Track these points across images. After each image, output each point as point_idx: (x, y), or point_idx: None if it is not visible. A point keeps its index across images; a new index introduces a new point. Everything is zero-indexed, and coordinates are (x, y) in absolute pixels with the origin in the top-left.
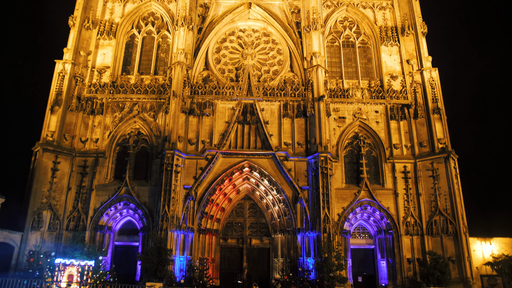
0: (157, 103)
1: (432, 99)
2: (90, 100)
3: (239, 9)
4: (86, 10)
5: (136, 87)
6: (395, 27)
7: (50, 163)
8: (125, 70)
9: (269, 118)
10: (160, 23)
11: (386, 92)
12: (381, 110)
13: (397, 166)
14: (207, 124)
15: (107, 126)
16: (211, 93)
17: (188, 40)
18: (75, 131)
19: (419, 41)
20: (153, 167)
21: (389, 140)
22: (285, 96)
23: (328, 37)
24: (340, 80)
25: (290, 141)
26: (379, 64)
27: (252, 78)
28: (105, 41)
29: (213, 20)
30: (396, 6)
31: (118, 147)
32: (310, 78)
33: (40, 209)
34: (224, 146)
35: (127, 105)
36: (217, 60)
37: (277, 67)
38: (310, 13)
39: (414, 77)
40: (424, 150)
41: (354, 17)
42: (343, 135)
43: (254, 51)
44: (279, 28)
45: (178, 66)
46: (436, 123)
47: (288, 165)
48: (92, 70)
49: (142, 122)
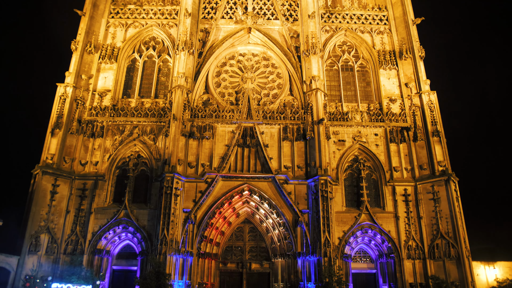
0: (157, 126)
1: (431, 122)
2: (90, 123)
3: (239, 34)
4: (88, 34)
5: (137, 110)
6: (393, 51)
7: (50, 186)
8: (126, 93)
9: (269, 141)
10: (161, 47)
11: (385, 115)
12: (380, 133)
13: (398, 189)
14: (207, 147)
15: (107, 149)
16: (211, 116)
17: (189, 64)
18: (75, 154)
19: (417, 65)
20: (153, 190)
21: (389, 163)
22: (284, 120)
23: (327, 61)
24: (339, 103)
25: (290, 164)
26: (378, 87)
27: (252, 102)
28: (107, 65)
29: (214, 45)
30: (394, 31)
31: (117, 170)
32: (310, 101)
33: (38, 233)
34: (224, 169)
35: (128, 128)
36: (217, 83)
37: (277, 90)
38: (309, 38)
39: (413, 100)
40: (424, 173)
41: (352, 42)
42: (343, 158)
43: (254, 75)
44: (278, 52)
45: (178, 89)
46: (435, 146)
47: (288, 188)
48: (93, 94)
49: (142, 145)
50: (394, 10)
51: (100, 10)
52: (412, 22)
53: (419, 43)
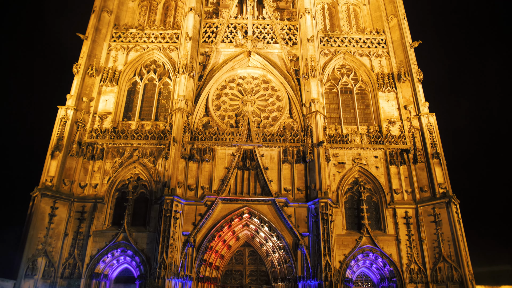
0: (157, 149)
1: (430, 144)
2: (90, 146)
3: (239, 57)
4: (90, 58)
5: (137, 133)
6: (392, 73)
7: (48, 208)
8: (127, 116)
9: (269, 164)
10: (161, 70)
11: (385, 138)
12: (380, 155)
13: (398, 212)
14: (207, 169)
15: (107, 172)
16: (211, 139)
17: (189, 87)
18: (74, 176)
19: (415, 87)
20: (152, 213)
21: (389, 185)
22: (284, 142)
23: (326, 83)
24: (339, 125)
25: (290, 187)
26: (377, 110)
27: (251, 124)
28: (108, 87)
29: (214, 68)
30: (392, 54)
31: (117, 193)
32: (309, 124)
33: (35, 256)
34: (224, 192)
35: (127, 150)
36: (217, 106)
37: (277, 113)
38: (308, 61)
39: (412, 122)
40: (425, 195)
41: (351, 65)
42: (343, 180)
43: (253, 97)
44: (278, 75)
45: (178, 112)
46: (436, 168)
47: (288, 211)
48: (94, 116)
49: (142, 167)
50: (391, 34)
51: (102, 34)
52: (410, 45)
53: (417, 66)
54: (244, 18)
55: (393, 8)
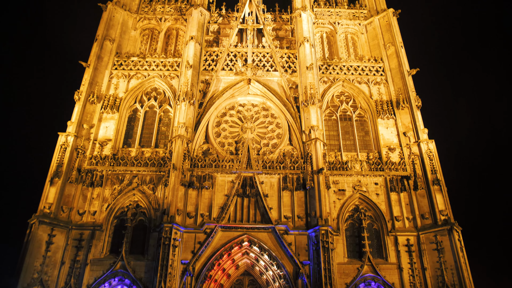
0: (156, 176)
1: (431, 171)
2: (90, 172)
3: (239, 85)
4: (92, 85)
5: (137, 160)
6: (390, 101)
7: (46, 236)
8: (127, 142)
9: (269, 191)
10: (162, 97)
11: (385, 164)
12: (380, 182)
13: (400, 239)
14: (207, 197)
15: (106, 199)
16: (210, 166)
17: (189, 114)
18: (73, 203)
19: (414, 114)
20: (151, 241)
21: (390, 212)
22: (284, 169)
23: (325, 111)
24: (338, 152)
25: (290, 214)
26: (376, 136)
27: (251, 151)
28: (108, 114)
29: (214, 95)
30: (390, 81)
31: (115, 220)
32: (309, 151)
33: (31, 285)
34: (223, 220)
35: (127, 177)
36: (217, 133)
37: (276, 140)
38: (307, 89)
39: (412, 149)
40: (427, 222)
41: (350, 92)
42: (344, 207)
43: (253, 125)
44: (277, 103)
45: (178, 139)
46: (436, 195)
47: (288, 239)
48: (94, 143)
49: (141, 194)
50: (389, 61)
51: (104, 62)
52: (408, 73)
53: (415, 93)
54: (244, 47)
55: (390, 37)
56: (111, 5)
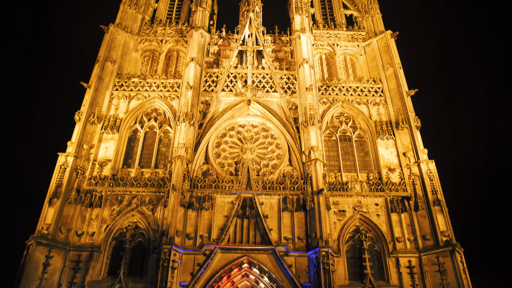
0: (156, 197)
1: (431, 191)
2: (89, 193)
3: (239, 105)
4: (92, 106)
5: (136, 180)
6: (390, 121)
7: (43, 257)
8: (126, 163)
9: (269, 212)
10: (162, 118)
11: (385, 185)
12: (381, 202)
13: (402, 261)
14: (206, 218)
15: (105, 219)
16: (210, 187)
17: (189, 135)
18: (71, 224)
19: (413, 135)
20: (149, 262)
21: (391, 233)
22: (284, 190)
23: (325, 131)
24: (338, 173)
25: (290, 236)
26: (376, 157)
27: (251, 172)
28: (109, 135)
29: (214, 116)
30: (389, 102)
31: (114, 241)
32: (309, 172)
33: None
34: (223, 241)
35: (126, 198)
36: (217, 154)
37: (276, 161)
38: (307, 109)
39: (412, 169)
40: (428, 243)
41: (349, 113)
42: (344, 229)
43: (253, 145)
44: (277, 124)
45: (178, 160)
46: (437, 215)
47: (288, 260)
48: (93, 163)
49: (140, 215)
50: (388, 82)
51: (105, 82)
52: (406, 93)
53: (414, 114)
54: (244, 68)
55: (388, 58)
56: (113, 27)
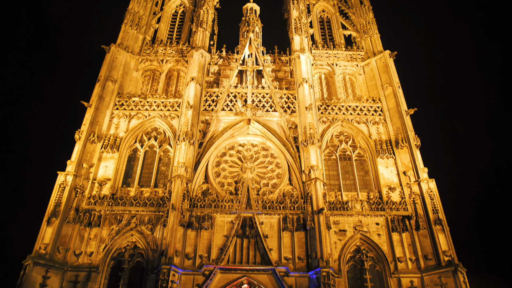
0: (155, 216)
1: (432, 210)
2: (88, 212)
3: (239, 125)
4: (92, 125)
5: (136, 200)
6: (389, 140)
7: (40, 278)
8: (126, 182)
9: (269, 231)
10: (162, 137)
11: (386, 204)
12: (381, 222)
13: (403, 281)
14: (206, 238)
15: (103, 239)
16: (210, 206)
17: (189, 154)
18: (69, 243)
19: (413, 154)
20: (148, 283)
21: (392, 253)
22: (284, 210)
23: (325, 150)
24: (338, 192)
25: (291, 256)
26: (376, 176)
27: (251, 192)
28: (108, 154)
29: (214, 135)
30: (389, 121)
31: (112, 261)
32: (309, 191)
33: None
34: (223, 261)
35: (125, 217)
36: (217, 173)
37: (276, 180)
38: (307, 129)
39: (412, 188)
40: (430, 263)
41: (349, 132)
42: (345, 248)
43: (253, 164)
44: (277, 143)
45: (178, 179)
46: (439, 235)
47: (289, 281)
48: (93, 182)
49: (139, 235)
50: (387, 101)
51: (106, 102)
52: (406, 112)
53: (414, 132)
54: (244, 87)
55: (387, 77)
56: (114, 47)
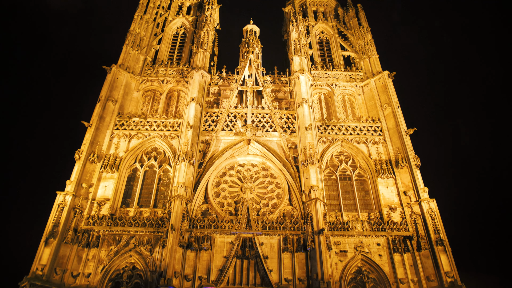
0: (154, 237)
1: (433, 231)
2: (86, 233)
3: (239, 145)
4: (93, 144)
5: (135, 220)
6: (389, 160)
7: None
8: (125, 202)
9: (269, 252)
10: (162, 157)
11: (387, 224)
12: (383, 242)
13: None
14: (205, 259)
15: (101, 260)
16: (209, 226)
17: (189, 174)
18: (67, 264)
19: (413, 173)
20: None
21: (394, 274)
22: (284, 230)
23: (325, 170)
24: (339, 212)
25: (291, 277)
26: (377, 196)
27: (251, 212)
28: (108, 174)
29: (214, 155)
30: (388, 141)
31: (110, 283)
32: (309, 211)
33: None
34: (222, 283)
35: (124, 238)
36: (217, 193)
37: (276, 200)
38: (306, 149)
39: (413, 208)
40: (433, 284)
41: (349, 152)
42: (346, 269)
43: (253, 185)
44: (277, 163)
45: (177, 199)
46: (441, 255)
47: None
48: (92, 202)
49: (138, 256)
50: (387, 121)
51: (106, 122)
52: (405, 132)
53: (414, 152)
54: (243, 108)
55: (386, 98)
56: (115, 68)
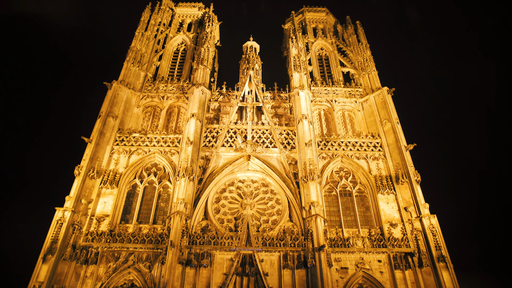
0: (153, 253)
1: (435, 247)
2: (85, 249)
3: (239, 161)
4: (92, 160)
5: (134, 236)
6: (390, 176)
7: None
8: (124, 218)
9: (269, 269)
10: (162, 173)
11: (388, 240)
12: (384, 259)
13: None
14: (204, 276)
15: (100, 277)
16: (209, 243)
17: (189, 190)
18: (65, 282)
19: (414, 189)
20: None
21: None
22: (284, 247)
23: (325, 186)
24: (339, 229)
25: None
26: (377, 212)
27: (251, 228)
28: (107, 189)
29: (214, 171)
30: (388, 157)
31: None
32: (310, 227)
33: None
34: None
35: (123, 254)
36: (216, 210)
37: (276, 216)
38: (306, 165)
39: (414, 224)
40: None
41: (349, 168)
42: (347, 287)
43: (253, 201)
44: (277, 179)
45: (177, 215)
46: (443, 272)
47: None
48: (91, 218)
49: (137, 273)
50: (386, 137)
51: (106, 137)
52: (405, 148)
53: (414, 168)
54: (243, 124)
55: (386, 114)
56: (116, 84)
